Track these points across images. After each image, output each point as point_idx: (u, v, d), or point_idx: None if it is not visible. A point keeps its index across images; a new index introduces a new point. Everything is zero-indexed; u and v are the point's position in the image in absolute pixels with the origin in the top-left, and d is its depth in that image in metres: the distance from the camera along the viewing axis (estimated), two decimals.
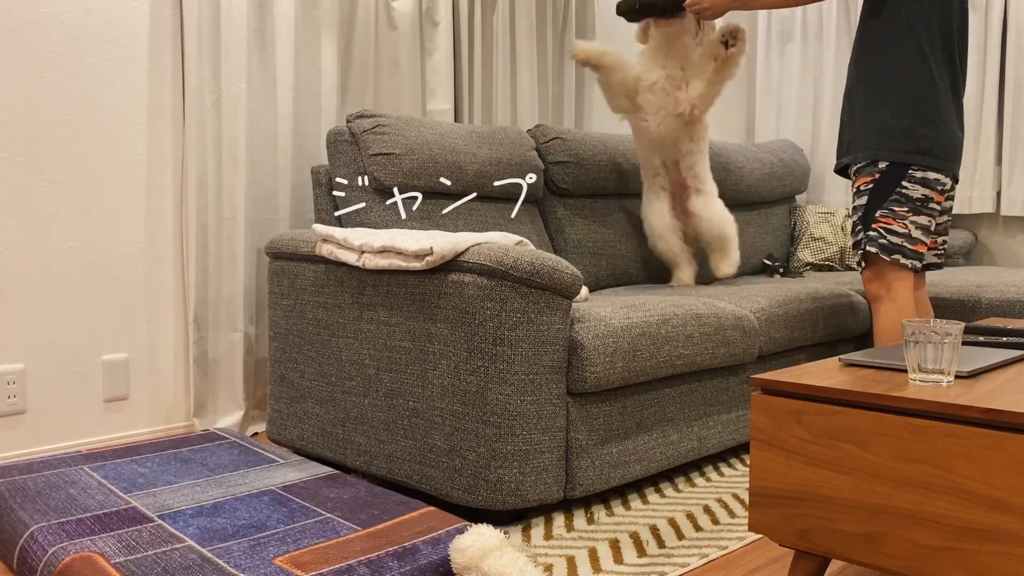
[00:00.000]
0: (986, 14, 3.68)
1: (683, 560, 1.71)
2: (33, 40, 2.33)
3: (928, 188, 2.25)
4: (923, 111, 2.24)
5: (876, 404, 1.29)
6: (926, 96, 2.24)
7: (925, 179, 2.25)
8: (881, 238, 2.27)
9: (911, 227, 2.26)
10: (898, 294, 2.29)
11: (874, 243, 2.28)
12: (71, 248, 2.43)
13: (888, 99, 2.27)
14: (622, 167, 3.10)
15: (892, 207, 2.26)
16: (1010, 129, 3.64)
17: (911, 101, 2.24)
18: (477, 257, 1.84)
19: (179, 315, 2.65)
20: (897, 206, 2.26)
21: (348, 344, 2.15)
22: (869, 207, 2.30)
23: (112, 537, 1.52)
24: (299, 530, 1.56)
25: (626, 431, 2.06)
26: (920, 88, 2.24)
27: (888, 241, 2.26)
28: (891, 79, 2.27)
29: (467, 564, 1.42)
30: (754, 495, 1.42)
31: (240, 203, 2.67)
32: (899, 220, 2.25)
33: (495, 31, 3.34)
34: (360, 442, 2.13)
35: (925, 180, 2.25)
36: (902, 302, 2.29)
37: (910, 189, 2.25)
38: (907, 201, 2.25)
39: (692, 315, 2.20)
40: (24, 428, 2.36)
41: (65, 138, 2.40)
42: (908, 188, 2.25)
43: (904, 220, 2.25)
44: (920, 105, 2.24)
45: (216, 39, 2.61)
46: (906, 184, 2.25)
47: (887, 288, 2.30)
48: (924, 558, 1.24)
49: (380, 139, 2.47)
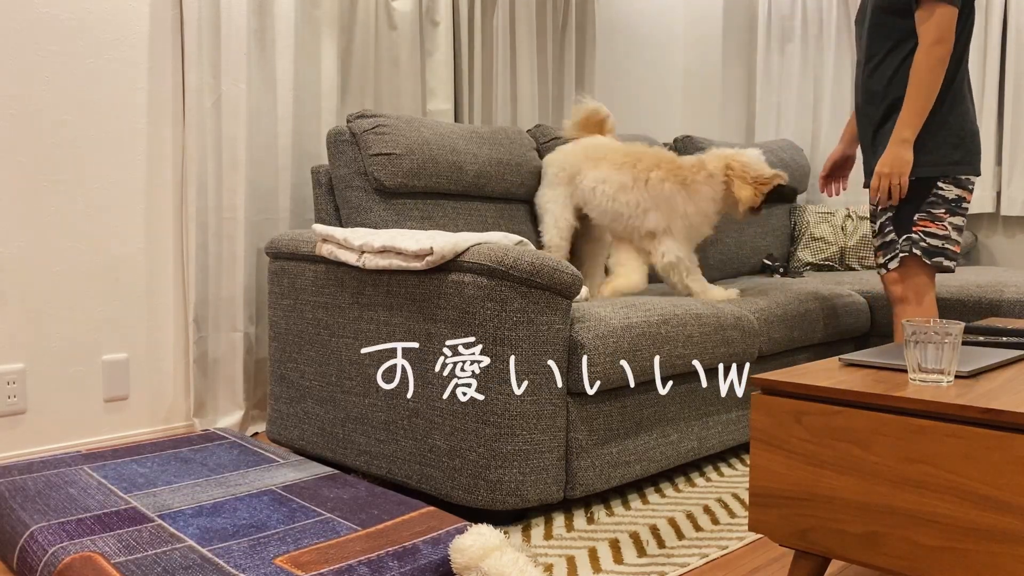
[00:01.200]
0: (986, 14, 3.68)
1: (683, 560, 1.71)
2: (33, 40, 2.33)
3: (961, 188, 2.25)
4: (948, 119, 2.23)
5: (876, 404, 1.29)
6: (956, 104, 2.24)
7: (958, 180, 2.24)
8: (922, 241, 2.25)
9: (950, 228, 2.25)
10: (925, 297, 2.28)
11: (917, 246, 2.26)
12: (71, 248, 2.43)
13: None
14: None
15: (929, 210, 2.25)
16: (1010, 129, 3.64)
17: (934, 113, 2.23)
18: (477, 257, 1.84)
19: (179, 315, 2.65)
20: (934, 208, 2.25)
21: (348, 344, 2.15)
22: (904, 210, 2.28)
23: (112, 537, 1.52)
24: (299, 530, 1.56)
25: (626, 431, 2.06)
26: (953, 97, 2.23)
27: (929, 244, 2.25)
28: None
29: (467, 564, 1.42)
30: (754, 495, 1.42)
31: (240, 203, 2.67)
32: (938, 222, 2.24)
33: (495, 31, 3.34)
34: (360, 442, 2.13)
35: (958, 181, 2.24)
36: (928, 304, 2.29)
37: (945, 190, 2.24)
38: (944, 202, 2.24)
39: (692, 315, 2.20)
40: (24, 428, 2.36)
41: (65, 138, 2.40)
42: (944, 189, 2.24)
43: (943, 222, 2.24)
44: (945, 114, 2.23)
45: (216, 39, 2.61)
46: (941, 185, 2.24)
47: (915, 291, 2.28)
48: (924, 558, 1.24)
49: (380, 139, 2.47)
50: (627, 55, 4.15)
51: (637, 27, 4.19)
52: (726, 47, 4.25)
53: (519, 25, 3.42)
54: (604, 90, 4.05)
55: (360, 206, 2.48)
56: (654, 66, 4.27)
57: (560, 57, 3.63)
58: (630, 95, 4.19)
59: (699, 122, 4.32)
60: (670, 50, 4.31)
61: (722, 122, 4.41)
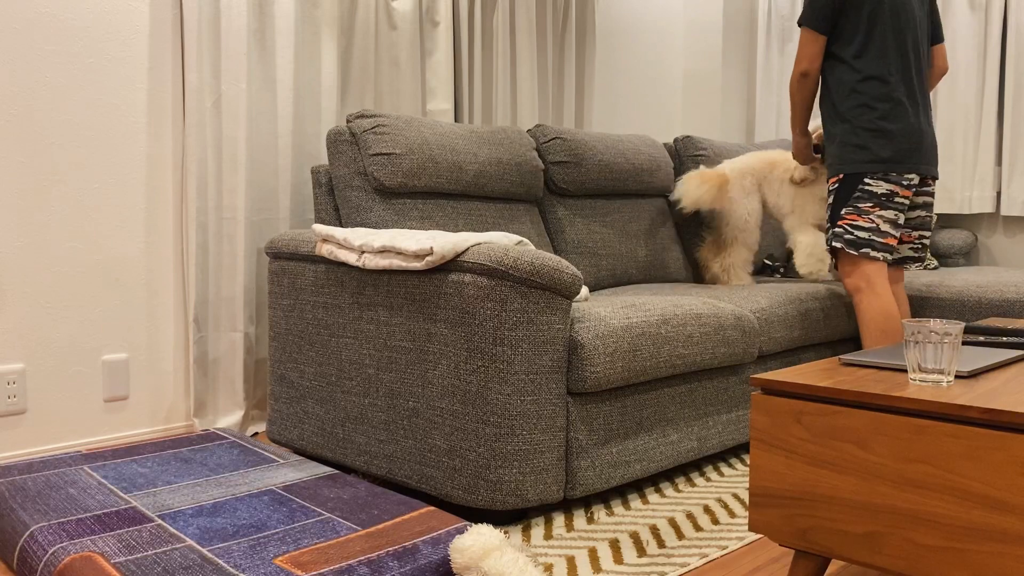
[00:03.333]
0: (986, 14, 3.68)
1: (683, 560, 1.71)
2: (33, 40, 2.33)
3: (892, 184, 2.41)
4: (877, 123, 2.42)
5: (876, 404, 1.29)
6: (893, 107, 2.43)
7: (887, 176, 2.41)
8: (847, 234, 2.43)
9: (879, 221, 2.41)
10: (876, 283, 2.42)
11: (839, 239, 2.45)
12: (71, 248, 2.43)
13: (841, 118, 2.48)
14: (622, 167, 3.10)
15: (856, 204, 2.43)
16: (1010, 129, 3.64)
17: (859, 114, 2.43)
18: (477, 257, 1.84)
19: (179, 315, 2.65)
20: (860, 203, 2.42)
21: (348, 344, 2.15)
22: (834, 207, 2.47)
23: (112, 537, 1.52)
24: (299, 530, 1.56)
25: (626, 431, 2.06)
26: (868, 99, 2.43)
27: (855, 236, 2.42)
28: (838, 98, 2.48)
29: (467, 564, 1.42)
30: (754, 495, 1.42)
31: (240, 203, 2.67)
32: (864, 216, 2.41)
33: (495, 31, 3.34)
34: (360, 442, 2.13)
35: (887, 177, 2.41)
36: (881, 290, 2.42)
37: (873, 185, 2.41)
38: (871, 197, 2.41)
39: (692, 315, 2.20)
40: (24, 428, 2.36)
41: (65, 138, 2.40)
42: (871, 184, 2.41)
43: (870, 215, 2.41)
44: (874, 117, 2.42)
45: (216, 39, 2.61)
46: (868, 181, 2.41)
47: (865, 280, 2.44)
48: (924, 558, 1.24)
49: (380, 139, 2.47)
50: (627, 55, 4.15)
51: (637, 27, 4.19)
52: (726, 47, 4.25)
53: (519, 25, 3.42)
54: (604, 90, 4.05)
55: (360, 206, 2.48)
56: (654, 66, 4.27)
57: (560, 57, 3.63)
58: (630, 95, 4.19)
59: (699, 122, 4.32)
60: (670, 50, 4.30)
61: (722, 122, 4.41)
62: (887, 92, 2.43)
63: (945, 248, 3.78)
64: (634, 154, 3.16)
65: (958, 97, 3.78)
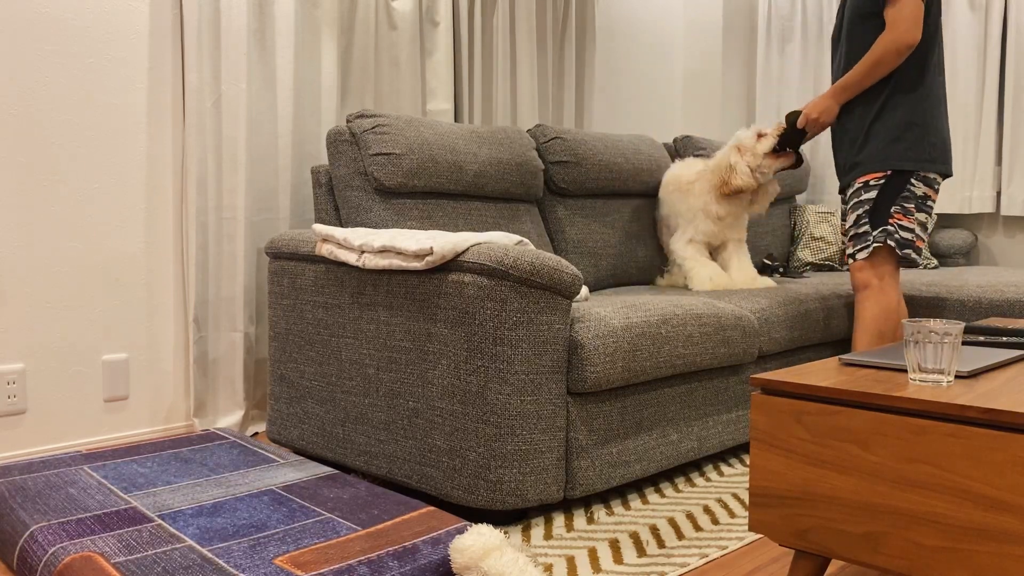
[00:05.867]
0: (986, 14, 3.68)
1: (683, 560, 1.71)
2: (33, 40, 2.33)
3: (928, 187, 2.36)
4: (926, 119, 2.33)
5: (876, 404, 1.29)
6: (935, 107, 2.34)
7: (927, 178, 2.35)
8: (896, 233, 2.35)
9: (916, 224, 2.36)
10: (889, 286, 2.39)
11: (891, 237, 2.35)
12: (71, 248, 2.43)
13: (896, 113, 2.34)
14: (622, 167, 3.10)
15: (903, 204, 2.35)
16: (1010, 129, 3.64)
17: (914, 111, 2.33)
18: (477, 257, 1.84)
19: (179, 315, 2.65)
20: (907, 203, 2.35)
21: (348, 344, 2.15)
22: (880, 203, 2.36)
23: (112, 537, 1.52)
24: (299, 530, 1.56)
25: (626, 431, 2.06)
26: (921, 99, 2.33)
27: (902, 237, 2.35)
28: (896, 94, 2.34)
29: (467, 564, 1.42)
30: (754, 495, 1.42)
31: (240, 203, 2.67)
32: (908, 216, 2.35)
33: (495, 31, 3.34)
34: (360, 442, 2.13)
35: (927, 179, 2.35)
36: (891, 293, 2.39)
37: (915, 187, 2.34)
38: (913, 199, 2.35)
39: (692, 315, 2.20)
40: (24, 428, 2.36)
41: (65, 138, 2.40)
42: (915, 186, 2.34)
43: (912, 216, 2.35)
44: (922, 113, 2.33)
45: (216, 39, 2.61)
46: (914, 181, 2.34)
47: (879, 277, 2.39)
48: (924, 558, 1.24)
49: (380, 139, 2.47)
50: (627, 55, 4.15)
51: (637, 27, 4.19)
52: (726, 47, 4.25)
53: (519, 25, 3.42)
54: (604, 90, 4.05)
55: (360, 206, 2.48)
56: (654, 66, 4.27)
57: (560, 57, 3.63)
58: (630, 95, 4.19)
59: (699, 122, 4.32)
60: (670, 50, 4.30)
61: (722, 122, 4.41)
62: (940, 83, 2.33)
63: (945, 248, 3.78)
64: (634, 154, 3.16)
65: (958, 97, 3.78)
